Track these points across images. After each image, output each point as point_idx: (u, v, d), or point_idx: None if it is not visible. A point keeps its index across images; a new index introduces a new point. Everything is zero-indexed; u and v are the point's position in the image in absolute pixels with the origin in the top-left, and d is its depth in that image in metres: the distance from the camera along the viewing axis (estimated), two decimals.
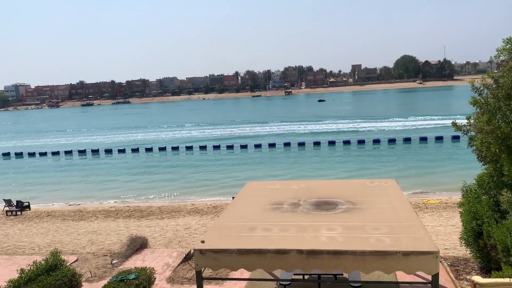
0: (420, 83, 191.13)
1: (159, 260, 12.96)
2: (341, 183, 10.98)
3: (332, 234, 6.97)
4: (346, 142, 43.33)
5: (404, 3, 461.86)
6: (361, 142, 43.07)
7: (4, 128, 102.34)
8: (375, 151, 39.30)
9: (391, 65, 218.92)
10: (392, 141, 42.69)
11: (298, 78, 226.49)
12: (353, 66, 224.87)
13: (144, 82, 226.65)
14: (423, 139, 42.16)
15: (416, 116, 66.83)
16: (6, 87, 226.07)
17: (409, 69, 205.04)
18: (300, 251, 6.48)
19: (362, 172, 29.89)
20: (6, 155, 50.29)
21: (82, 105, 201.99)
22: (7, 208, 22.71)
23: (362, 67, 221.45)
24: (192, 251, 12.75)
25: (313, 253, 6.43)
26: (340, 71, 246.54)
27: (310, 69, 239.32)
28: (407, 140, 42.56)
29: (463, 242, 10.00)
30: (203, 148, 46.45)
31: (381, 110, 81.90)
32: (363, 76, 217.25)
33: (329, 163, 34.73)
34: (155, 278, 10.32)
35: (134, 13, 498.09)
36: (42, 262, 9.77)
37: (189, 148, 46.89)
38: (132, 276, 9.39)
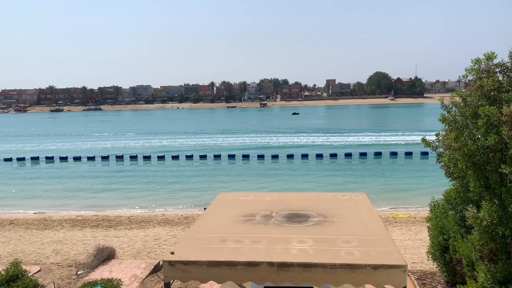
0: (392, 99, 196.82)
1: (126, 271, 12.62)
2: (313, 196, 11.05)
3: (303, 247, 6.98)
4: (319, 156, 43.88)
5: (379, 22, 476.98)
6: (333, 155, 43.72)
7: None
8: (347, 164, 39.94)
9: (364, 81, 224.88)
10: (363, 155, 43.56)
11: (274, 90, 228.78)
12: (327, 80, 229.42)
13: (117, 89, 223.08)
14: (393, 154, 43.23)
15: (387, 131, 68.59)
16: None
17: (381, 85, 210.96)
18: (271, 264, 6.45)
19: (334, 185, 30.26)
20: None
21: (51, 111, 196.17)
22: None
23: (336, 82, 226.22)
24: (161, 262, 12.47)
25: (283, 266, 6.41)
26: (315, 85, 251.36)
27: (285, 82, 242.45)
28: (378, 154, 43.55)
29: (430, 256, 10.22)
30: (175, 158, 45.92)
31: (354, 125, 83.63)
32: (337, 91, 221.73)
33: (302, 176, 35.00)
34: None
35: (109, 19, 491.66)
36: (2, 272, 9.33)
37: (161, 157, 46.24)
38: (98, 287, 9.09)
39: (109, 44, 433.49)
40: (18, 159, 47.43)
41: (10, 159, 47.53)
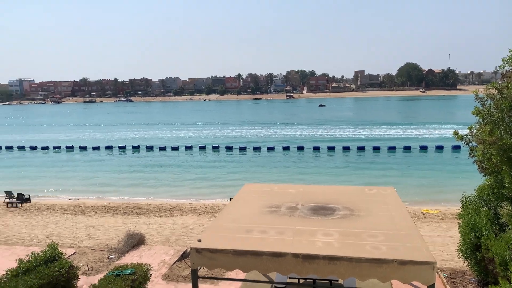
0: (423, 91, 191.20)
1: (155, 257, 12.98)
2: (340, 189, 10.98)
3: (329, 240, 6.98)
4: (346, 148, 43.35)
5: (410, 10, 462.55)
6: (361, 148, 43.09)
7: (7, 121, 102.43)
8: (374, 158, 39.31)
9: (394, 72, 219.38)
10: (392, 148, 42.71)
11: (300, 82, 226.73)
12: (356, 72, 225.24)
13: (146, 81, 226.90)
14: (423, 148, 42.18)
15: (418, 124, 66.89)
16: (10, 81, 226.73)
17: (412, 77, 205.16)
18: (295, 255, 6.49)
19: (361, 179, 29.89)
20: (9, 148, 50.38)
21: (85, 102, 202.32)
22: (7, 200, 22.76)
23: (365, 73, 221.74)
24: (188, 249, 12.76)
25: (308, 258, 6.44)
26: (343, 76, 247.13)
27: (312, 73, 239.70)
28: (407, 148, 42.57)
29: (460, 254, 9.96)
30: (202, 148, 46.51)
31: (383, 117, 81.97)
32: (365, 82, 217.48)
33: (328, 169, 34.74)
34: (151, 275, 10.32)
35: (139, 13, 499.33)
36: (41, 253, 9.79)
37: (188, 148, 46.93)
38: (128, 272, 9.40)
39: (140, 36, 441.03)
40: (54, 148, 49.26)
41: (46, 148, 49.46)
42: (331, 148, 43.63)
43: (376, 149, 42.76)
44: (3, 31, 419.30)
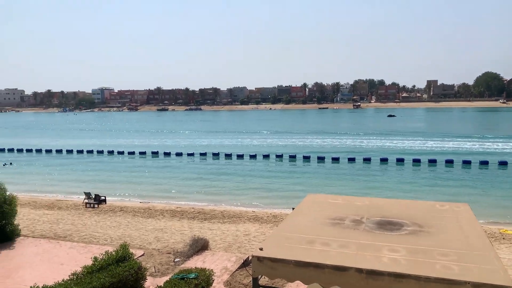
0: (504, 102, 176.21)
1: (218, 263, 13.30)
2: (408, 204, 10.50)
3: (395, 256, 6.71)
4: (416, 161, 41.25)
5: (487, 15, 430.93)
6: (433, 161, 40.75)
7: (91, 126, 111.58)
8: (447, 172, 36.97)
9: (470, 82, 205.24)
10: (467, 163, 39.87)
11: (368, 91, 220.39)
12: (428, 81, 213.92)
13: (215, 90, 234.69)
14: (503, 164, 38.84)
15: (497, 137, 61.78)
16: (93, 90, 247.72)
17: (491, 87, 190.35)
18: (359, 270, 6.32)
19: (432, 194, 28.25)
20: (90, 152, 54.82)
21: (158, 110, 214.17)
22: (86, 200, 24.73)
23: (439, 82, 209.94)
24: (250, 257, 12.90)
25: (373, 274, 6.24)
26: (414, 86, 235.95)
27: (381, 82, 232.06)
28: (484, 163, 39.45)
29: None
30: (266, 157, 46.93)
31: (457, 129, 76.88)
32: (438, 92, 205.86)
33: (396, 181, 33.30)
34: (213, 280, 10.61)
35: (210, 25, 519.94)
36: (113, 253, 10.51)
37: (252, 156, 47.62)
38: (192, 276, 9.75)
39: (209, 47, 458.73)
40: (129, 153, 52.69)
41: (122, 152, 53.07)
42: (400, 160, 41.78)
43: (449, 162, 40.19)
44: (86, 44, 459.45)
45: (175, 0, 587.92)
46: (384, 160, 42.20)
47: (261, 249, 7.19)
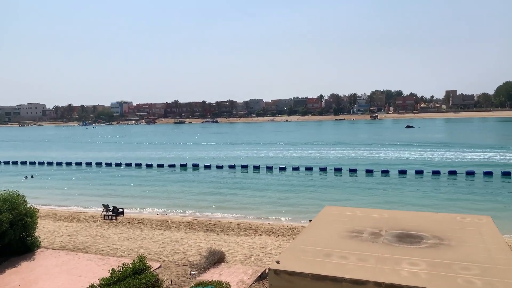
0: None
1: (234, 276, 13.22)
2: (428, 216, 10.28)
3: (415, 270, 6.55)
4: (436, 173, 40.49)
5: (507, 25, 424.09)
6: (453, 173, 39.93)
7: (109, 139, 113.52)
8: (468, 183, 36.14)
9: (491, 92, 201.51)
10: (488, 174, 38.91)
11: (386, 102, 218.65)
12: (447, 91, 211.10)
13: (232, 103, 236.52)
14: None
15: None
16: (112, 104, 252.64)
17: None
18: (378, 284, 6.20)
19: (452, 206, 27.61)
20: (108, 165, 55.67)
21: (175, 123, 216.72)
22: (104, 213, 25.04)
23: (458, 93, 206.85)
24: (266, 270, 12.79)
25: None
26: (432, 96, 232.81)
27: (399, 93, 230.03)
28: (506, 174, 38.46)
29: None
30: (282, 169, 46.77)
31: (477, 140, 75.29)
32: (458, 102, 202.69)
33: (415, 193, 32.70)
34: None
35: (225, 37, 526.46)
36: (130, 265, 10.57)
37: (269, 168, 47.54)
38: None
39: (225, 59, 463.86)
40: (147, 165, 53.30)
41: (139, 165, 53.70)
42: (419, 172, 41.08)
43: (470, 174, 39.31)
44: (105, 59, 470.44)
45: (191, 14, 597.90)
46: (402, 172, 41.56)
47: (277, 262, 7.13)
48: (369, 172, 42.71)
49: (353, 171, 43.46)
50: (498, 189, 33.76)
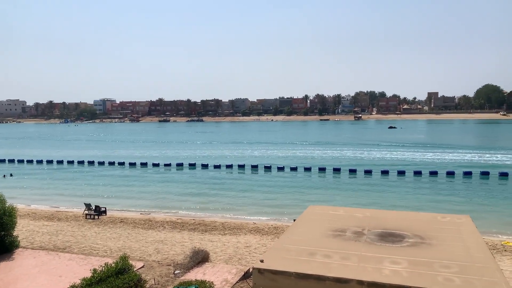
0: (504, 114, 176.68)
1: (218, 275, 13.21)
2: (409, 215, 10.46)
3: (396, 268, 6.68)
4: (417, 173, 41.20)
5: (488, 28, 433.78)
6: (434, 173, 40.69)
7: (92, 137, 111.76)
8: (448, 183, 36.87)
9: (471, 94, 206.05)
10: (468, 174, 39.81)
11: (369, 103, 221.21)
12: (429, 93, 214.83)
13: (217, 102, 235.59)
14: (504, 175, 38.78)
15: (497, 149, 61.73)
16: (95, 101, 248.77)
17: (491, 99, 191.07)
18: (360, 282, 6.29)
19: (433, 206, 28.15)
20: (91, 163, 54.82)
21: (160, 121, 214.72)
22: (86, 212, 24.65)
23: (439, 95, 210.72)
24: (251, 269, 12.82)
25: (374, 286, 6.20)
26: (415, 98, 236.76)
27: (382, 94, 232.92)
28: (485, 174, 39.42)
29: None
30: (267, 168, 46.88)
31: (457, 141, 76.89)
32: (439, 104, 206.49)
33: (397, 193, 33.20)
34: None
35: (211, 36, 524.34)
36: (113, 265, 10.46)
37: (254, 167, 47.58)
38: None
39: (211, 58, 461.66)
40: (130, 164, 52.67)
41: (123, 163, 53.06)
42: (401, 172, 41.72)
43: (451, 174, 40.12)
44: (89, 55, 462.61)
45: (175, 12, 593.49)
46: (385, 172, 42.14)
47: (262, 261, 7.17)
48: (353, 171, 43.16)
49: (337, 170, 43.88)
50: (477, 189, 34.54)
